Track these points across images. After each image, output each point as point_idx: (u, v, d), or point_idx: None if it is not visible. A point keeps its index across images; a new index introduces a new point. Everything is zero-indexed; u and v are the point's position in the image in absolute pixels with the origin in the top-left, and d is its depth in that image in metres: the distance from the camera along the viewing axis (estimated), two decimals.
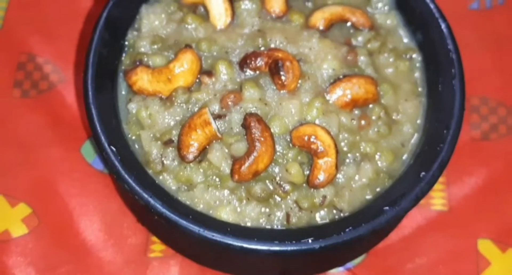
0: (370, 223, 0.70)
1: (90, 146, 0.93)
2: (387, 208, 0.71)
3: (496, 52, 1.02)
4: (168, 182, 0.75)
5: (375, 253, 0.88)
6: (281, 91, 0.76)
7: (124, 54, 0.81)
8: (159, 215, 0.70)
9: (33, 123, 0.94)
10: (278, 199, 0.75)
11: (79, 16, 1.01)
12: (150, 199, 0.70)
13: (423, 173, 0.72)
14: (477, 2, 1.04)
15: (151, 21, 0.81)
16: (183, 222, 0.69)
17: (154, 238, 0.88)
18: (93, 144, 0.91)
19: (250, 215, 0.74)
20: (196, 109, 0.76)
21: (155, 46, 0.80)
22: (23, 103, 0.95)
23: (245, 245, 0.68)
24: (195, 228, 0.69)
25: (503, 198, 0.92)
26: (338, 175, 0.75)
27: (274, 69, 0.75)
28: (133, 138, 0.77)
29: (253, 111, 0.75)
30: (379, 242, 0.83)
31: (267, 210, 0.74)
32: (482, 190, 0.92)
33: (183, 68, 0.76)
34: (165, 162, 0.75)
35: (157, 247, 0.88)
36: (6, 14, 1.01)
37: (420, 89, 0.81)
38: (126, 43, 0.81)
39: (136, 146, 0.77)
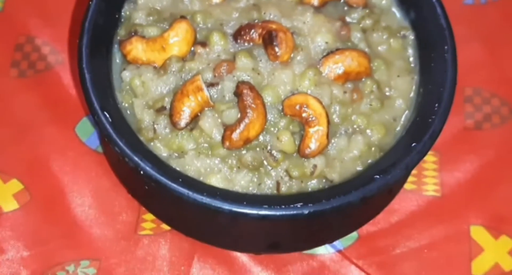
0: (360, 190, 0.70)
1: (85, 125, 0.93)
2: (377, 176, 0.71)
3: (490, 46, 1.02)
4: (160, 149, 0.75)
5: (366, 236, 0.88)
6: (274, 62, 0.77)
7: (119, 26, 0.81)
8: (148, 177, 0.69)
9: (29, 103, 0.95)
10: (268, 167, 0.75)
11: (79, 0, 1.02)
12: (140, 162, 0.70)
13: (414, 144, 0.72)
14: None
15: None
16: (173, 185, 0.69)
17: (145, 216, 0.88)
18: (89, 119, 0.91)
19: (240, 183, 0.74)
20: (189, 78, 0.76)
21: (151, 18, 0.81)
22: (20, 83, 0.96)
23: (234, 209, 0.68)
24: (184, 191, 0.69)
25: (495, 186, 0.92)
26: (329, 147, 0.75)
27: (268, 39, 0.76)
28: (126, 105, 0.78)
29: (245, 80, 0.75)
30: (369, 218, 0.82)
31: (258, 178, 0.74)
32: (474, 177, 0.92)
33: (178, 37, 0.77)
34: (157, 129, 0.75)
35: (148, 225, 0.87)
36: None
37: (412, 66, 0.81)
38: (122, 14, 0.82)
39: (129, 113, 0.77)
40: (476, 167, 0.92)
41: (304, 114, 0.73)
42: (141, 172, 0.70)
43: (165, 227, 0.87)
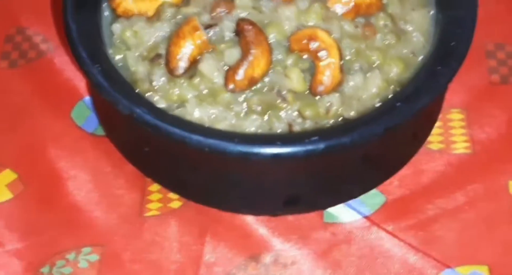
0: (383, 120, 0.62)
1: (81, 109, 0.87)
2: (399, 104, 0.63)
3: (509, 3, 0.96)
4: (157, 102, 0.68)
5: (394, 199, 0.80)
6: (276, 0, 0.70)
7: None
8: (145, 123, 0.62)
9: (21, 92, 0.89)
10: (279, 110, 0.67)
11: None
12: (134, 107, 0.63)
13: (439, 67, 0.65)
14: None
15: None
16: (172, 129, 0.62)
17: (150, 197, 0.80)
18: (85, 102, 0.86)
19: (249, 129, 0.66)
20: None
21: None
22: (11, 73, 0.91)
23: (243, 149, 0.60)
24: (185, 134, 0.61)
25: None
26: (344, 85, 0.68)
27: None
28: (118, 58, 0.71)
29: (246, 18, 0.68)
30: (394, 170, 0.74)
31: (267, 122, 0.67)
32: (507, 131, 0.84)
33: None
34: (153, 80, 0.68)
35: (154, 206, 0.80)
36: None
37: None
38: None
39: (121, 65, 0.70)
40: (507, 121, 0.84)
41: (312, 47, 0.66)
42: (137, 119, 0.62)
43: (173, 205, 0.79)
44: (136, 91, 0.68)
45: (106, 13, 0.74)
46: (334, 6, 0.70)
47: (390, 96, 0.68)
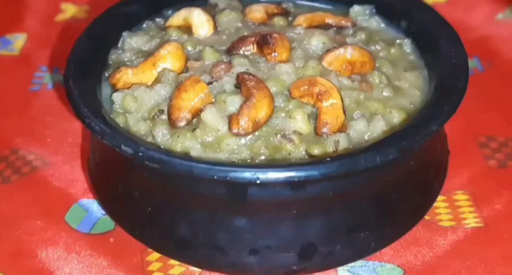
0: (397, 144, 0.61)
1: (75, 211, 0.85)
2: (410, 130, 0.62)
3: (492, 102, 1.00)
4: None
5: (413, 271, 0.75)
6: (273, 62, 0.72)
7: (108, 69, 0.78)
8: (150, 159, 0.60)
9: (12, 203, 0.87)
10: (286, 153, 0.65)
11: (65, 119, 0.99)
12: (139, 145, 0.61)
13: (442, 101, 0.65)
14: None
15: (134, 41, 0.80)
16: (178, 160, 0.59)
17: None
18: (80, 205, 0.84)
19: None
20: None
21: (140, 54, 0.78)
22: (3, 188, 0.89)
23: (255, 175, 0.58)
24: (192, 164, 0.59)
25: None
26: (349, 130, 0.67)
27: (262, 41, 0.73)
28: (119, 121, 0.70)
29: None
30: (413, 221, 0.71)
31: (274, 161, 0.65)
32: None
33: (169, 54, 0.73)
34: (155, 135, 0.67)
35: None
36: None
37: (417, 63, 0.77)
38: (110, 58, 0.79)
39: (123, 127, 0.69)
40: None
41: (313, 90, 0.67)
42: (142, 157, 0.60)
43: None
44: None
45: (106, 88, 0.74)
46: (329, 64, 0.72)
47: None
